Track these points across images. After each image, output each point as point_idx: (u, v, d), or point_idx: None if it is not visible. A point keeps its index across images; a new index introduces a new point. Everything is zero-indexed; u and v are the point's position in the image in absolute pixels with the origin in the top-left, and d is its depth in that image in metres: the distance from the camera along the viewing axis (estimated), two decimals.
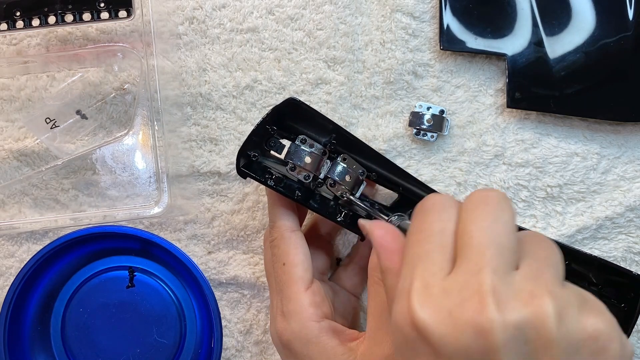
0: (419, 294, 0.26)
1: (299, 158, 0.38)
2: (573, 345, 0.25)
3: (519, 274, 0.26)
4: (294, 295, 0.38)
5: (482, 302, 0.25)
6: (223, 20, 0.47)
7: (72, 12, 0.43)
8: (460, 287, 0.26)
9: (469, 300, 0.25)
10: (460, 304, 0.25)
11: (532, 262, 0.27)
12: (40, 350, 0.46)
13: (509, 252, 0.27)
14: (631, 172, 0.45)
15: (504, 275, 0.26)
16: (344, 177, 0.38)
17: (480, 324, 0.24)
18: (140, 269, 0.46)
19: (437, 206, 0.29)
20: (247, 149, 0.38)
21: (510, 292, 0.25)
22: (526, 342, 0.24)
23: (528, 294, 0.25)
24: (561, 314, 0.25)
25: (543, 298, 0.25)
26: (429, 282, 0.27)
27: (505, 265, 0.26)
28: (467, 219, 0.28)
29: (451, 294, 0.26)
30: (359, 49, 0.47)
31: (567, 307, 0.25)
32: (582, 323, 0.25)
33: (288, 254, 0.39)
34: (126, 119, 0.47)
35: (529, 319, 0.24)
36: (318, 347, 0.36)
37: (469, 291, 0.25)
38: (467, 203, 0.29)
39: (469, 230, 0.27)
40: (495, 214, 0.28)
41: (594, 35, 0.45)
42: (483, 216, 0.28)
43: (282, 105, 0.38)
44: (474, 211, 0.28)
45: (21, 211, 0.47)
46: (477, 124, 0.46)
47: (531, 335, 0.24)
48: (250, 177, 0.39)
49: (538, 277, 0.26)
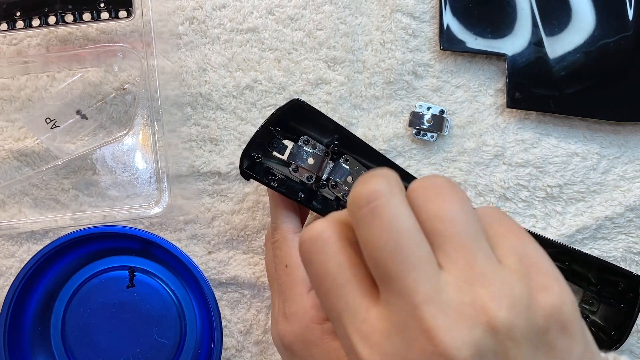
0: (361, 349, 0.24)
1: (302, 159, 0.38)
2: (534, 339, 0.23)
3: (449, 282, 0.23)
4: (296, 297, 0.38)
5: (430, 341, 0.22)
6: (223, 21, 0.47)
7: (72, 12, 0.43)
8: (399, 326, 0.23)
9: (416, 342, 0.23)
10: (408, 347, 0.23)
11: (454, 255, 0.24)
12: (40, 350, 0.45)
13: (426, 259, 0.24)
14: (631, 172, 0.45)
15: (437, 296, 0.23)
16: (346, 178, 0.38)
17: (440, 358, 0.22)
18: (140, 269, 0.46)
19: (317, 246, 0.26)
20: (250, 150, 0.38)
21: (452, 315, 0.23)
22: (494, 354, 0.23)
23: (471, 309, 0.23)
24: (511, 315, 0.23)
25: (487, 307, 0.23)
26: (363, 332, 0.24)
27: (431, 283, 0.23)
28: (364, 243, 0.24)
29: (392, 337, 0.23)
30: (359, 49, 0.47)
31: (514, 303, 0.23)
32: (536, 314, 0.23)
33: (290, 255, 0.39)
34: (126, 119, 0.47)
35: (483, 338, 0.22)
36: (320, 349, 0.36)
37: (410, 332, 0.23)
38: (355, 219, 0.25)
39: (375, 259, 0.24)
40: (392, 223, 0.24)
41: (594, 35, 0.45)
42: (381, 234, 0.24)
43: (286, 107, 0.38)
44: (367, 229, 0.24)
45: (21, 211, 0.47)
46: (477, 124, 0.46)
47: (491, 352, 0.23)
48: (253, 179, 0.39)
49: (470, 277, 0.23)
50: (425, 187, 0.25)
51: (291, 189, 0.39)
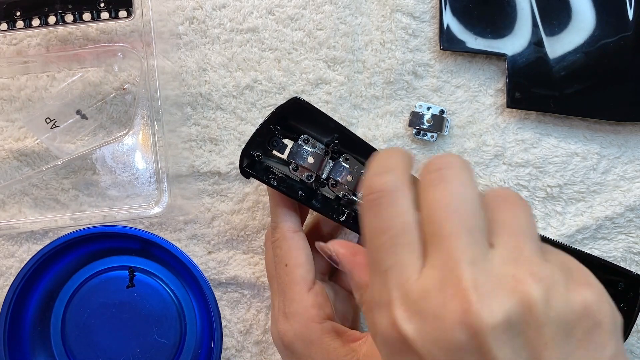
0: (399, 304, 0.25)
1: (302, 158, 0.38)
2: (566, 326, 0.24)
3: (496, 255, 0.25)
4: (297, 297, 0.38)
5: (465, 300, 0.23)
6: (223, 20, 0.47)
7: (72, 12, 0.43)
8: (439, 285, 0.24)
9: (451, 300, 0.24)
10: (443, 304, 0.24)
11: (508, 238, 0.25)
12: (40, 350, 0.46)
13: (480, 232, 0.25)
14: (631, 172, 0.45)
15: (481, 262, 0.24)
16: (345, 177, 0.38)
17: (469, 324, 0.23)
18: (140, 269, 0.46)
19: (388, 194, 0.27)
20: (250, 148, 0.38)
21: (491, 281, 0.24)
22: (519, 333, 0.23)
23: (511, 280, 0.24)
24: (548, 295, 0.24)
25: (527, 282, 0.24)
26: (406, 288, 0.25)
27: (480, 250, 0.25)
28: (428, 203, 0.26)
29: (431, 295, 0.24)
30: (359, 49, 0.47)
31: (553, 286, 0.24)
32: (572, 300, 0.24)
33: (290, 255, 0.39)
34: (126, 119, 0.47)
35: (516, 309, 0.23)
36: (321, 348, 0.36)
37: (449, 289, 0.24)
38: (424, 180, 0.27)
39: (434, 218, 0.25)
40: (458, 190, 0.26)
41: (594, 35, 0.45)
42: (445, 196, 0.26)
43: (286, 105, 0.38)
44: (433, 191, 0.26)
45: (21, 211, 0.47)
46: (477, 124, 0.46)
47: (522, 324, 0.23)
48: (253, 177, 0.39)
49: (517, 257, 0.25)
50: (498, 191, 0.28)
51: (291, 187, 0.39)
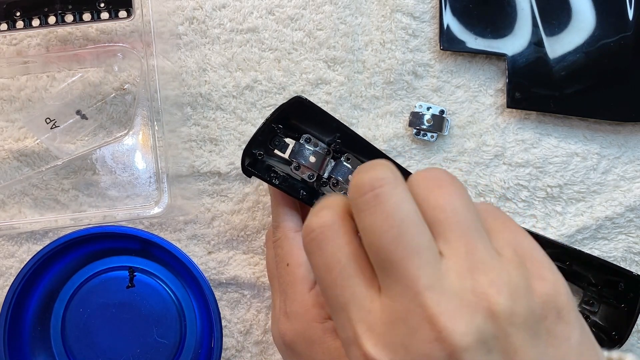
0: (367, 338, 0.24)
1: (304, 157, 0.38)
2: (532, 328, 0.24)
3: (450, 269, 0.24)
4: (298, 296, 0.38)
5: (434, 327, 0.23)
6: (223, 21, 0.47)
7: (72, 12, 0.43)
8: (402, 315, 0.23)
9: (419, 329, 0.23)
10: (412, 334, 0.23)
11: (456, 244, 0.24)
12: (40, 350, 0.45)
13: (428, 248, 0.24)
14: (631, 172, 0.45)
15: (438, 283, 0.23)
16: (347, 176, 0.38)
17: (443, 349, 0.23)
18: (140, 269, 0.46)
19: (326, 230, 0.26)
20: (252, 147, 0.38)
21: (453, 302, 0.23)
22: (490, 348, 0.23)
23: (472, 296, 0.23)
24: (511, 303, 0.23)
25: (488, 295, 0.23)
26: (369, 321, 0.24)
27: (432, 269, 0.24)
28: (368, 230, 0.25)
29: (397, 326, 0.24)
30: (359, 49, 0.47)
31: (515, 291, 0.23)
32: (533, 302, 0.24)
33: (292, 254, 0.39)
34: (126, 119, 0.47)
35: (485, 325, 0.23)
36: (322, 348, 0.36)
37: (414, 319, 0.23)
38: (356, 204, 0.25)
39: (378, 246, 0.24)
40: (396, 210, 0.24)
41: (594, 35, 0.45)
42: (383, 221, 0.24)
43: (289, 104, 0.38)
44: (369, 216, 0.25)
45: (21, 211, 0.47)
46: (477, 124, 0.46)
47: (491, 339, 0.23)
48: (255, 176, 0.39)
49: (472, 265, 0.24)
50: (427, 178, 0.26)
51: (292, 186, 0.39)
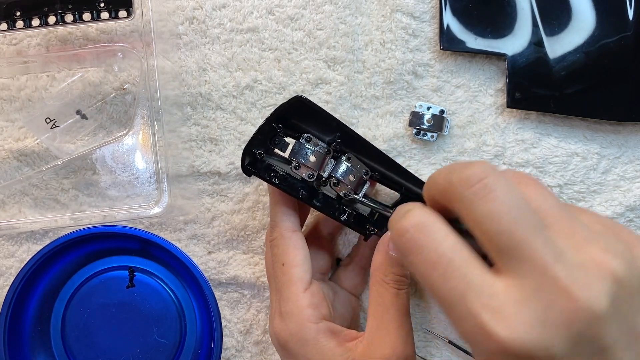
0: (496, 325, 0.24)
1: (304, 156, 0.38)
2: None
3: (565, 245, 0.25)
4: (292, 296, 0.38)
5: (571, 297, 0.24)
6: (223, 20, 0.47)
7: (72, 12, 0.43)
8: (532, 292, 0.24)
9: (555, 302, 0.24)
10: (547, 308, 0.24)
11: (558, 227, 0.26)
12: (40, 350, 0.46)
13: (543, 228, 0.25)
14: (631, 172, 0.45)
15: (562, 257, 0.24)
16: (347, 176, 0.38)
17: (584, 319, 0.24)
18: (140, 269, 0.46)
19: (420, 229, 0.27)
20: (252, 146, 0.38)
21: (580, 272, 0.24)
22: (623, 301, 0.24)
23: (594, 265, 0.24)
24: (627, 263, 0.25)
25: (607, 261, 0.24)
26: (495, 306, 0.24)
27: (553, 245, 0.25)
28: (483, 217, 0.25)
29: (528, 304, 0.24)
30: (359, 49, 0.47)
31: (623, 253, 0.25)
32: (638, 257, 0.26)
33: (288, 254, 0.39)
34: (126, 119, 0.47)
35: (613, 289, 0.24)
36: (315, 348, 0.36)
37: (547, 293, 0.24)
38: (466, 196, 0.26)
39: (499, 230, 0.25)
40: (509, 196, 0.25)
41: (594, 35, 0.45)
42: (501, 206, 0.25)
43: (289, 103, 0.38)
44: (484, 204, 0.25)
45: (21, 211, 0.47)
46: (477, 124, 0.46)
47: (624, 295, 0.24)
48: (255, 176, 0.39)
49: (580, 241, 0.25)
50: (517, 175, 0.28)
51: (292, 186, 0.39)
